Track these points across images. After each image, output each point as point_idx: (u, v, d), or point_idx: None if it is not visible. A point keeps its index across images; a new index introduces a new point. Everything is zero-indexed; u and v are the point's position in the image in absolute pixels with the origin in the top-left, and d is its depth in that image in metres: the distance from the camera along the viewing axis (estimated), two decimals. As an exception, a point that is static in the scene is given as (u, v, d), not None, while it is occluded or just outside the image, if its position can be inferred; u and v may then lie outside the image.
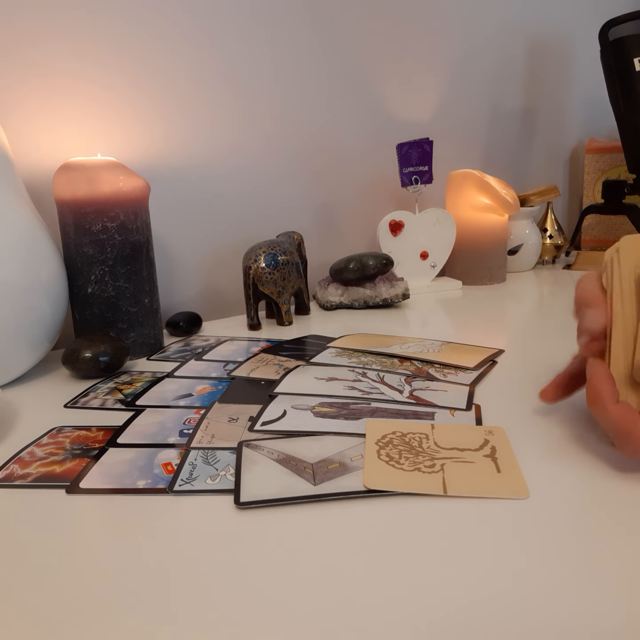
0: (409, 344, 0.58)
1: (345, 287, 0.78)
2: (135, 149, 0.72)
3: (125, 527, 0.30)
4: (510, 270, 0.98)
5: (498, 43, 1.03)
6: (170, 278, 0.77)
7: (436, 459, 0.35)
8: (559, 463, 0.34)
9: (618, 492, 0.31)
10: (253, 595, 0.25)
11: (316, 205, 0.89)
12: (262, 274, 0.66)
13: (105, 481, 0.34)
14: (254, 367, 0.53)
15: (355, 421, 0.40)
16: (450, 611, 0.23)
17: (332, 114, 0.87)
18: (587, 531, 0.28)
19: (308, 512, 0.30)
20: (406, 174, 0.85)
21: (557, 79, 1.13)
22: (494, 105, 1.06)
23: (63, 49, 0.64)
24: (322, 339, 0.62)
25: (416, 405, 0.43)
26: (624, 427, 0.31)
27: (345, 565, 0.26)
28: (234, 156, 0.79)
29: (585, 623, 0.22)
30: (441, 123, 0.99)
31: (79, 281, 0.58)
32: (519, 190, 0.99)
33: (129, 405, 0.46)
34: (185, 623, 0.23)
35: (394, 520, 0.29)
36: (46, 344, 0.55)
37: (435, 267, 0.88)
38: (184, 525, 0.30)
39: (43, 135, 0.65)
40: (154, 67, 0.71)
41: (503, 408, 0.42)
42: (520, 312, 0.74)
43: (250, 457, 0.36)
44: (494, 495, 0.31)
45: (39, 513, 0.32)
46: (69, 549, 0.29)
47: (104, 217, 0.56)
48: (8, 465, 0.37)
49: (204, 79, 0.75)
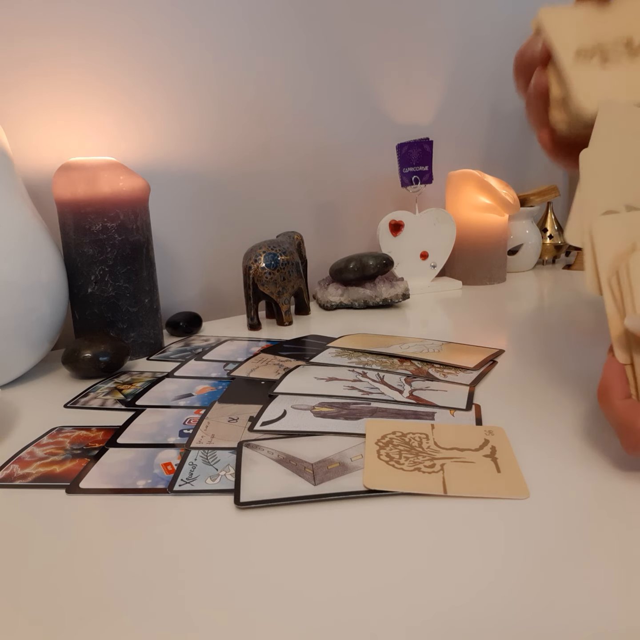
0: (409, 344, 0.58)
1: (345, 287, 0.78)
2: (136, 149, 0.72)
3: (125, 527, 0.30)
4: (510, 270, 0.98)
5: (498, 43, 1.03)
6: (170, 278, 0.77)
7: (436, 459, 0.35)
8: (559, 463, 0.34)
9: (618, 492, 0.31)
10: (253, 595, 0.25)
11: (316, 205, 0.89)
12: (262, 274, 0.66)
13: (105, 481, 0.34)
14: (254, 367, 0.53)
15: (355, 421, 0.40)
16: (451, 610, 0.23)
17: (332, 114, 0.87)
18: (587, 531, 0.28)
19: (308, 512, 0.30)
20: (406, 174, 0.85)
21: (557, 79, 1.13)
22: (494, 105, 1.06)
23: (63, 49, 0.64)
24: (322, 339, 0.62)
25: (416, 405, 0.43)
26: (627, 422, 0.32)
27: (345, 565, 0.26)
28: (234, 156, 0.80)
29: (586, 623, 0.22)
30: (441, 123, 0.99)
31: (79, 281, 0.58)
32: (519, 190, 0.99)
33: (129, 405, 0.46)
34: (186, 623, 0.23)
35: (394, 520, 0.29)
36: (46, 344, 0.55)
37: (435, 267, 0.88)
38: (184, 525, 0.30)
39: (43, 135, 0.65)
40: (154, 67, 0.71)
41: (503, 408, 0.42)
42: (520, 312, 0.74)
43: (250, 457, 0.36)
44: (494, 495, 0.31)
45: (38, 513, 0.32)
46: (69, 549, 0.29)
47: (104, 217, 0.56)
48: (8, 465, 0.37)
49: (204, 79, 0.75)
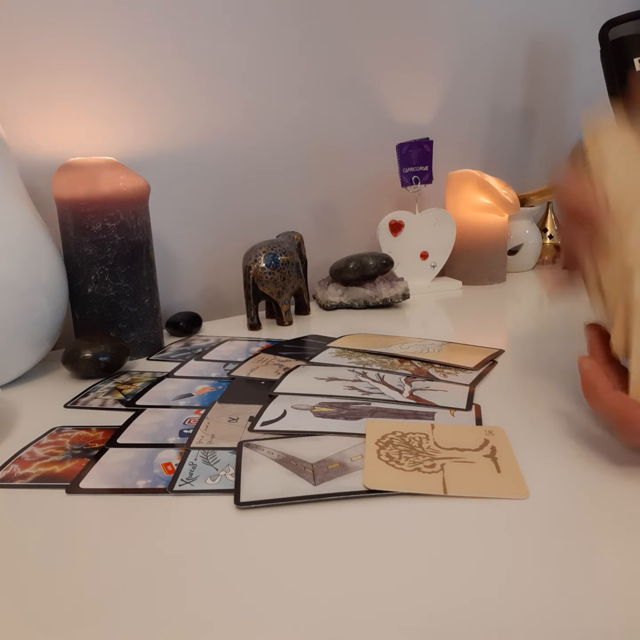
0: (409, 344, 0.58)
1: (345, 287, 0.78)
2: (136, 148, 0.72)
3: (125, 528, 0.30)
4: (510, 270, 0.98)
5: (498, 43, 1.03)
6: (170, 278, 0.77)
7: (436, 459, 0.35)
8: (559, 463, 0.34)
9: (618, 492, 0.31)
10: (253, 595, 0.25)
11: (316, 205, 0.89)
12: (262, 274, 0.66)
13: (105, 481, 0.34)
14: (254, 367, 0.53)
15: (355, 421, 0.40)
16: (450, 610, 0.23)
17: (333, 114, 0.87)
18: (587, 531, 0.28)
19: (308, 512, 0.30)
20: (406, 174, 0.85)
21: (557, 79, 1.13)
22: (494, 105, 1.06)
23: (63, 49, 0.64)
24: (322, 339, 0.62)
25: (416, 405, 0.43)
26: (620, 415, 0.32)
27: (345, 565, 0.26)
28: (234, 157, 0.80)
29: (586, 623, 0.22)
30: (441, 123, 0.99)
31: (79, 281, 0.58)
32: (519, 190, 0.99)
33: (129, 405, 0.46)
34: (185, 623, 0.23)
35: (394, 520, 0.29)
36: (46, 344, 0.55)
37: (435, 267, 0.88)
38: (184, 525, 0.30)
39: (43, 135, 0.65)
40: (155, 67, 0.71)
41: (503, 408, 0.43)
42: (520, 312, 0.74)
43: (250, 457, 0.36)
44: (494, 495, 0.31)
45: (39, 513, 0.32)
46: (69, 549, 0.29)
47: (104, 217, 0.56)
48: (8, 465, 0.37)
49: (205, 80, 0.75)
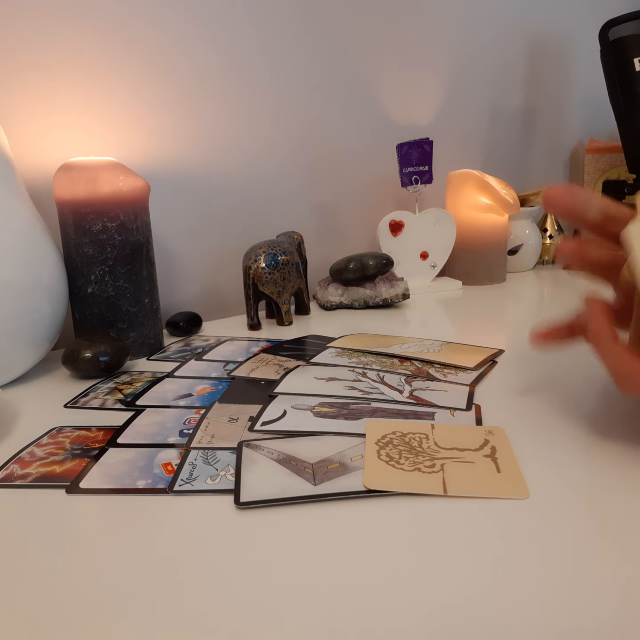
0: (409, 344, 0.58)
1: (345, 287, 0.78)
2: (135, 149, 0.72)
3: (125, 527, 0.30)
4: (510, 270, 0.98)
5: (498, 43, 1.03)
6: (170, 278, 0.77)
7: (436, 459, 0.35)
8: (559, 463, 0.34)
9: (619, 492, 0.31)
10: (253, 595, 0.25)
11: (316, 205, 0.89)
12: (262, 274, 0.66)
13: (105, 481, 0.34)
14: (254, 367, 0.53)
15: (355, 421, 0.40)
16: (451, 610, 0.23)
17: (332, 114, 0.87)
18: (587, 531, 0.28)
19: (308, 512, 0.30)
20: (406, 174, 0.85)
21: (557, 79, 1.13)
22: (494, 105, 1.06)
23: (63, 50, 0.64)
24: (322, 339, 0.62)
25: (416, 405, 0.43)
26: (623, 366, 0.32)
27: (345, 565, 0.26)
28: (234, 156, 0.80)
29: (586, 623, 0.22)
30: (441, 123, 0.99)
31: (79, 281, 0.58)
32: (519, 190, 0.99)
33: (129, 405, 0.46)
34: (185, 623, 0.23)
35: (394, 520, 0.29)
36: (46, 344, 0.55)
37: (435, 267, 0.88)
38: (184, 526, 0.30)
39: (43, 135, 0.65)
40: (154, 67, 0.71)
41: (503, 408, 0.43)
42: (520, 312, 0.74)
43: (250, 457, 0.36)
44: (494, 495, 0.31)
45: (39, 513, 0.32)
46: (69, 549, 0.29)
47: (104, 217, 0.56)
48: (8, 465, 0.37)
49: (204, 79, 0.75)
